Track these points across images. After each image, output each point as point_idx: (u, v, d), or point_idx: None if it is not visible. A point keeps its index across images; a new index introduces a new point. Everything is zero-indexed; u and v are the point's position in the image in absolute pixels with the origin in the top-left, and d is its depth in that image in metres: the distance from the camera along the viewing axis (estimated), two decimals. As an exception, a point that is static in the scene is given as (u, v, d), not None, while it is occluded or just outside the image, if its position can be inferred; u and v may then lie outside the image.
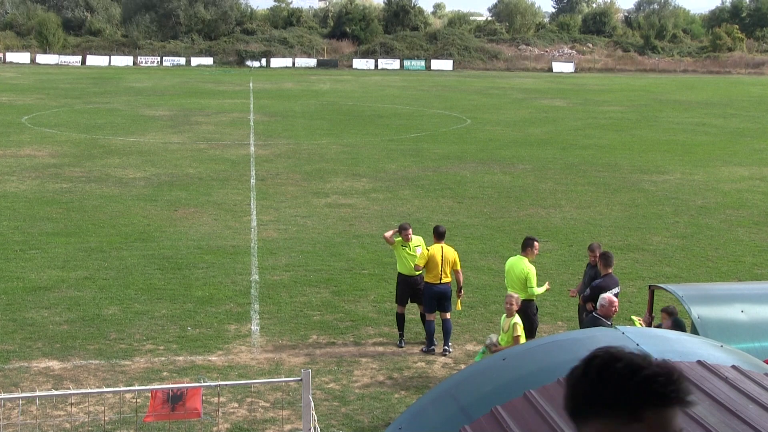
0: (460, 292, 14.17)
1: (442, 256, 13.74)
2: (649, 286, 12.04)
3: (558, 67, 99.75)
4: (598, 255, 12.99)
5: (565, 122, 46.39)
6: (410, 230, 14.26)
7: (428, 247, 14.03)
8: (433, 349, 13.90)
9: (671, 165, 32.52)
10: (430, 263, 13.74)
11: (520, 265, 13.11)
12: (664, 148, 37.21)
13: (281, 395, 11.95)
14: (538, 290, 13.16)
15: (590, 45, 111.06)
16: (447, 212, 23.83)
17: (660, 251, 20.24)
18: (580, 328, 12.87)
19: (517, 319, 11.59)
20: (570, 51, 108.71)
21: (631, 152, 35.70)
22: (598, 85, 76.07)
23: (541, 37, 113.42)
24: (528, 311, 12.90)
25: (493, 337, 11.77)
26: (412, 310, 14.67)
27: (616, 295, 12.50)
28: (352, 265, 18.22)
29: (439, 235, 14.01)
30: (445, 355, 13.79)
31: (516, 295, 12.01)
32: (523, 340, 11.37)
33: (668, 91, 70.05)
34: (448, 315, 13.97)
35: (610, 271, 12.57)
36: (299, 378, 8.03)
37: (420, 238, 14.52)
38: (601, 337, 5.74)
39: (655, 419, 2.27)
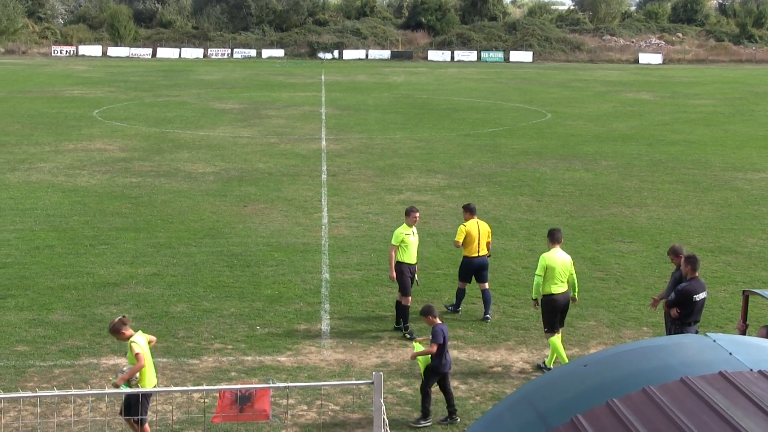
0: (488, 257, 15.75)
1: (478, 231, 15.31)
2: (743, 292, 11.74)
3: (645, 58, 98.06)
4: (682, 258, 12.67)
5: (651, 116, 45.58)
6: (417, 214, 15.11)
7: (464, 224, 15.38)
8: (459, 311, 15.46)
9: None
10: (467, 238, 15.24)
11: (567, 257, 13.49)
12: (761, 143, 36.26)
13: (352, 398, 12.01)
14: None
15: (680, 35, 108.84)
16: (525, 210, 23.64)
17: (755, 254, 19.73)
18: (667, 334, 12.64)
19: (135, 338, 10.44)
20: (658, 41, 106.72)
21: (724, 148, 34.89)
22: (688, 78, 74.53)
23: (627, 27, 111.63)
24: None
25: (123, 368, 10.63)
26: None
27: (702, 300, 12.22)
28: (426, 264, 18.20)
29: (472, 211, 15.54)
30: (486, 321, 15.13)
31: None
32: (142, 358, 10.28)
33: (766, 83, 68.20)
34: (486, 285, 15.47)
35: (696, 274, 12.30)
36: (370, 381, 8.04)
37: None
38: (689, 345, 5.61)
39: None
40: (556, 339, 13.23)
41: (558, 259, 13.29)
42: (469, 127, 40.78)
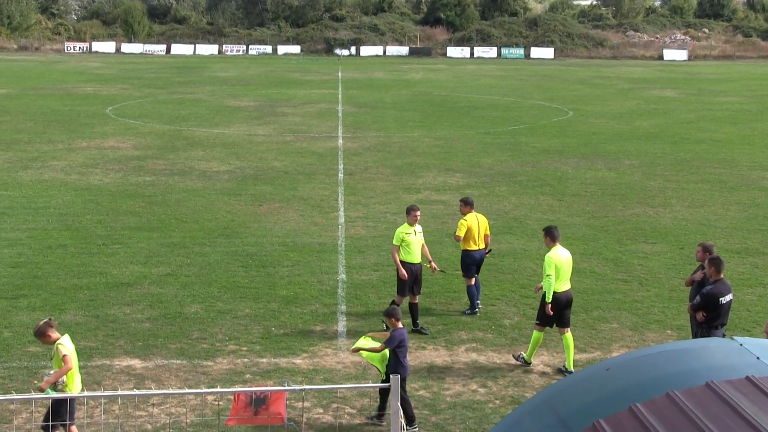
0: (488, 252, 16.12)
1: (477, 224, 15.75)
2: (770, 294, 11.66)
3: (669, 54, 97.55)
4: (707, 258, 12.52)
5: (676, 114, 45.35)
6: (418, 212, 15.11)
7: (464, 218, 15.72)
8: (477, 311, 15.55)
9: (796, 161, 31.49)
10: (468, 232, 15.62)
11: (569, 253, 13.63)
12: (788, 142, 36.02)
13: (368, 401, 12.02)
14: None
15: (706, 30, 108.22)
16: (546, 210, 23.58)
17: (782, 256, 19.60)
18: (692, 337, 12.57)
19: (62, 340, 10.22)
20: (683, 37, 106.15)
21: (751, 147, 34.66)
22: (714, 74, 74.11)
23: (651, 23, 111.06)
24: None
25: (47, 372, 10.34)
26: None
27: (729, 302, 12.15)
28: (445, 265, 18.17)
29: (470, 205, 15.92)
30: (476, 312, 15.60)
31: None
32: (69, 361, 10.03)
33: (793, 81, 67.77)
34: (477, 276, 16.00)
35: (721, 276, 12.21)
36: (387, 384, 8.05)
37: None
38: (715, 349, 5.59)
39: None
40: (540, 337, 13.37)
41: (563, 257, 13.43)
42: (488, 125, 40.71)
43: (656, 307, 16.06)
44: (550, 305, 13.22)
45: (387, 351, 11.23)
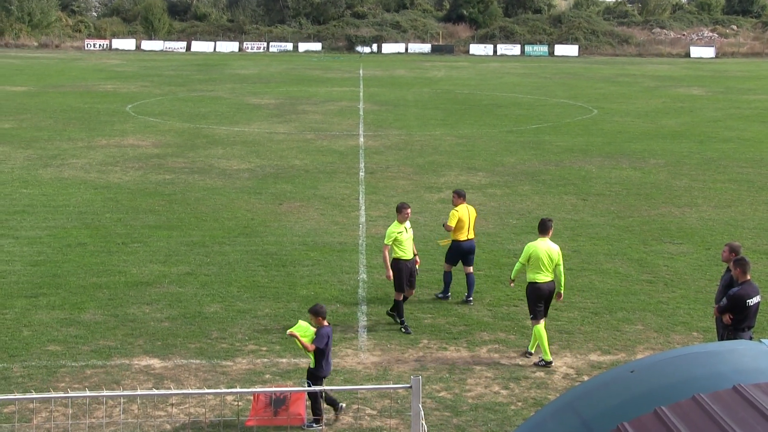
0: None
1: (468, 215, 16.16)
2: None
3: (696, 52, 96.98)
4: (732, 260, 12.38)
5: (703, 113, 45.08)
6: (409, 210, 15.30)
7: (456, 209, 16.10)
8: (449, 296, 16.16)
9: (825, 161, 31.23)
10: (459, 223, 16.05)
11: (554, 247, 13.71)
12: (818, 141, 35.72)
13: (389, 403, 12.02)
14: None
15: (734, 27, 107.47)
16: (570, 210, 23.50)
17: (811, 257, 19.43)
18: (719, 340, 12.48)
19: None
20: (711, 34, 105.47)
21: (779, 146, 34.45)
22: (742, 72, 73.58)
23: (678, 19, 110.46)
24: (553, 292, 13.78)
25: None
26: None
27: (756, 304, 12.05)
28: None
29: (462, 196, 16.33)
30: (468, 304, 15.97)
31: None
32: None
33: (823, 78, 67.19)
34: (471, 269, 16.30)
35: (748, 277, 12.10)
36: (408, 385, 8.05)
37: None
38: (742, 351, 5.54)
39: None
40: (541, 328, 13.48)
41: (542, 248, 13.59)
42: (511, 123, 40.62)
43: (682, 309, 15.96)
44: (512, 283, 14.37)
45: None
